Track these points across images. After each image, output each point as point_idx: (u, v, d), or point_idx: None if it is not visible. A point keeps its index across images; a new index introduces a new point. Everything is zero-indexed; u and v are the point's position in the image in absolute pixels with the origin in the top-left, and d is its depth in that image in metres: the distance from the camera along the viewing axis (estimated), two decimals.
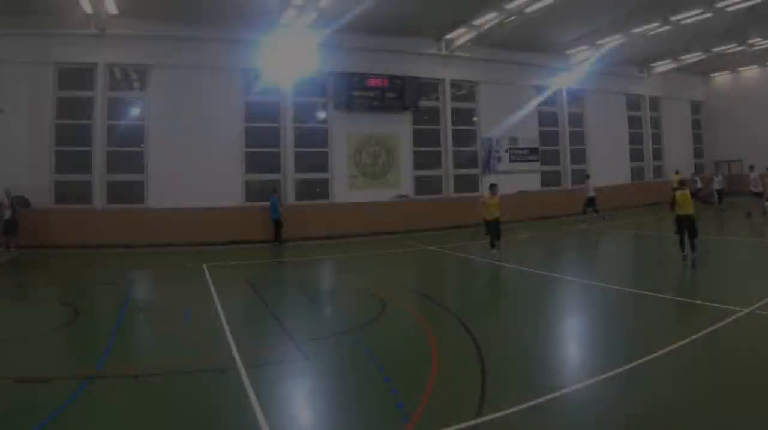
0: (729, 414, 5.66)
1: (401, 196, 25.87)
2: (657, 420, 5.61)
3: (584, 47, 28.87)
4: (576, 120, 31.32)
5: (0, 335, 9.29)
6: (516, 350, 8.28)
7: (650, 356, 7.19)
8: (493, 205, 16.41)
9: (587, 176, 26.84)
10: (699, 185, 27.48)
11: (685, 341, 7.78)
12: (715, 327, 8.38)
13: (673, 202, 14.69)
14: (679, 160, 34.34)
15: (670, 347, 7.51)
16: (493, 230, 16.37)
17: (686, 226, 14.07)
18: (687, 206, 14.08)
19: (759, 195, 23.78)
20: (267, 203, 22.44)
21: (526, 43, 27.29)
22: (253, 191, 23.99)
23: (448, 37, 26.27)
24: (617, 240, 21.50)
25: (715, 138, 36.80)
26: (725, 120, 35.62)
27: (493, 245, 16.28)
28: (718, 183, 26.80)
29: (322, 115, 25.47)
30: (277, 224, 21.66)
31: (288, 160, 24.13)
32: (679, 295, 11.73)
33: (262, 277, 15.72)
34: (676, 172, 25.65)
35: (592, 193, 25.05)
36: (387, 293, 12.22)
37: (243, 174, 23.73)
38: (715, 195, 26.58)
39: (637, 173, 33.34)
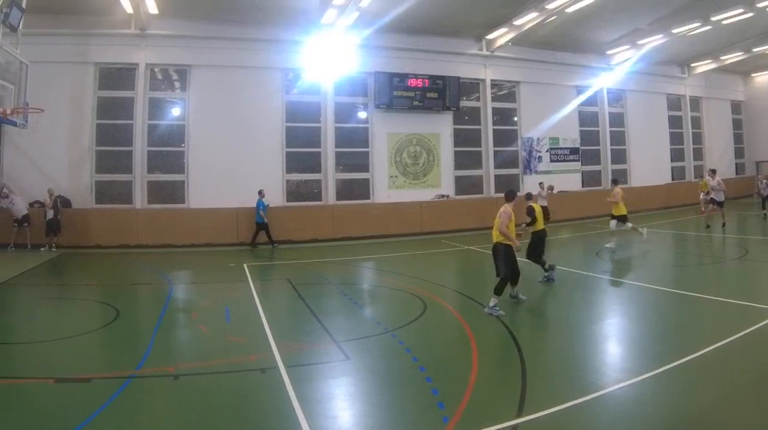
0: None
1: (442, 196, 24.48)
2: (699, 420, 5.48)
3: (625, 47, 27.31)
4: (617, 120, 29.61)
5: (41, 335, 9.08)
6: (556, 349, 8.01)
7: (692, 355, 7.01)
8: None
9: (614, 182, 20.09)
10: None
11: (727, 340, 7.58)
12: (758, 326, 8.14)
13: (532, 218, 12.56)
14: (719, 160, 32.76)
15: (712, 347, 7.33)
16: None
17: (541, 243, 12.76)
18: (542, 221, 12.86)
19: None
20: (307, 203, 21.45)
21: (567, 43, 25.93)
22: (293, 191, 22.77)
23: (489, 37, 24.89)
24: (655, 240, 20.01)
25: (756, 138, 34.85)
26: (766, 120, 33.80)
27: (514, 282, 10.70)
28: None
29: (362, 115, 24.13)
30: (262, 227, 19.99)
31: (329, 160, 22.84)
32: (721, 295, 10.76)
33: (302, 276, 14.78)
34: (712, 171, 21.88)
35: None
36: (428, 293, 11.81)
37: (283, 174, 22.46)
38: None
39: (677, 173, 31.45)
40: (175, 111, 21.99)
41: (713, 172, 21.15)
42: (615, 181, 19.49)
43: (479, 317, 9.78)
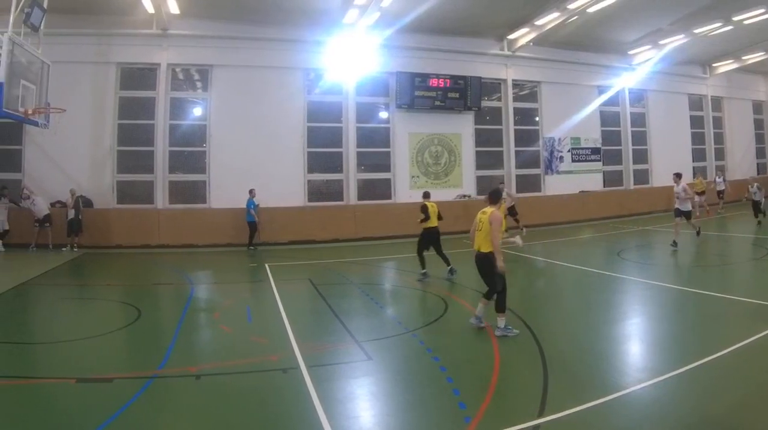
0: None
1: (463, 196, 23.66)
2: (723, 420, 5.29)
3: (646, 47, 26.31)
4: (638, 120, 28.54)
5: (63, 335, 8.85)
6: (578, 349, 7.75)
7: (714, 355, 6.79)
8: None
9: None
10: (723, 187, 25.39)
11: (750, 340, 7.31)
12: None
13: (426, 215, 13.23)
14: (741, 160, 31.81)
15: (735, 346, 7.09)
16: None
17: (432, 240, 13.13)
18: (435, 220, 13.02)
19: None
20: (329, 203, 20.83)
21: (588, 43, 25.00)
22: (314, 192, 22.05)
23: (510, 37, 24.05)
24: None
25: None
26: None
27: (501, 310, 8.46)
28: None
29: (384, 115, 23.34)
30: (252, 227, 19.04)
31: (350, 160, 22.11)
32: (744, 295, 10.30)
33: (324, 276, 14.28)
34: (677, 176, 17.44)
35: None
36: (449, 293, 11.54)
37: (305, 174, 21.72)
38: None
39: (699, 173, 30.22)
40: (197, 111, 21.34)
41: (678, 176, 17.11)
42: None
43: None
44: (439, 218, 13.53)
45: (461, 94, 23.46)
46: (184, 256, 18.06)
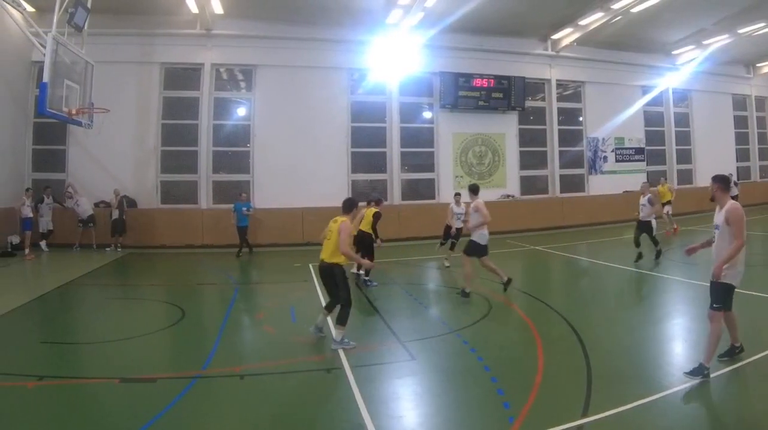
0: None
1: (507, 196, 22.11)
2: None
3: (690, 47, 24.50)
4: (682, 120, 26.67)
5: (107, 335, 8.45)
6: (622, 349, 7.28)
7: (758, 356, 6.40)
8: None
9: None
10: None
11: None
12: None
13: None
14: None
15: None
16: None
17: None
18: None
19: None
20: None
21: (632, 43, 23.32)
22: (358, 192, 20.57)
23: (554, 37, 22.49)
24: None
25: None
26: None
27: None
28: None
29: (428, 115, 21.86)
30: (243, 232, 16.94)
31: (394, 160, 20.62)
32: None
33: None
34: (646, 183, 15.16)
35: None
36: (493, 293, 10.85)
37: (349, 174, 20.34)
38: None
39: (743, 174, 28.28)
40: (241, 111, 20.10)
41: (647, 182, 14.77)
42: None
43: (545, 316, 9.13)
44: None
45: (505, 94, 21.93)
46: (227, 256, 16.85)
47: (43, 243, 16.78)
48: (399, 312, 10.13)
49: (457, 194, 14.71)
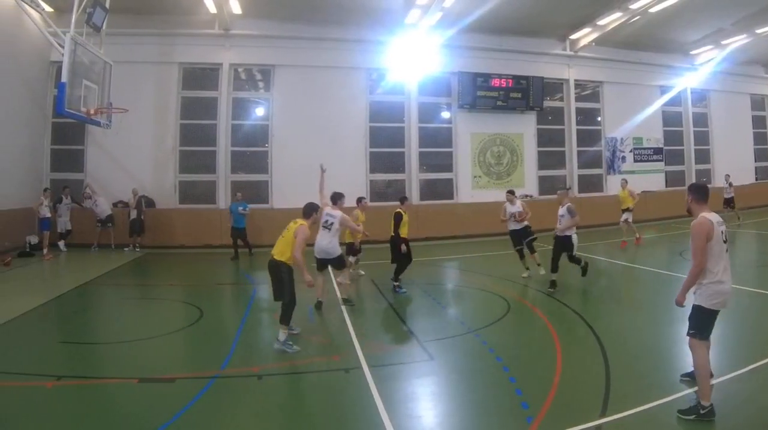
0: None
1: (526, 196, 21.47)
2: None
3: (709, 47, 23.84)
4: (700, 120, 25.95)
5: (125, 335, 8.36)
6: (640, 349, 7.09)
7: None
8: None
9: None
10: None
11: None
12: None
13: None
14: None
15: None
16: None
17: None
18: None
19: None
20: (391, 203, 18.52)
21: (650, 43, 22.71)
22: (376, 192, 20.14)
23: (573, 37, 21.90)
24: (737, 241, 17.68)
25: None
26: None
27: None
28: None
29: (446, 115, 21.29)
30: (241, 233, 16.26)
31: (412, 160, 20.06)
32: None
33: (385, 276, 12.59)
34: (561, 189, 13.38)
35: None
36: (512, 293, 10.84)
37: (367, 174, 19.80)
38: None
39: (761, 173, 27.54)
40: (259, 111, 19.61)
41: (565, 190, 13.17)
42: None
43: (563, 317, 8.99)
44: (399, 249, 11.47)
45: (523, 94, 21.34)
46: (245, 256, 16.39)
47: (61, 243, 16.41)
48: (417, 312, 10.02)
49: (510, 192, 13.01)
